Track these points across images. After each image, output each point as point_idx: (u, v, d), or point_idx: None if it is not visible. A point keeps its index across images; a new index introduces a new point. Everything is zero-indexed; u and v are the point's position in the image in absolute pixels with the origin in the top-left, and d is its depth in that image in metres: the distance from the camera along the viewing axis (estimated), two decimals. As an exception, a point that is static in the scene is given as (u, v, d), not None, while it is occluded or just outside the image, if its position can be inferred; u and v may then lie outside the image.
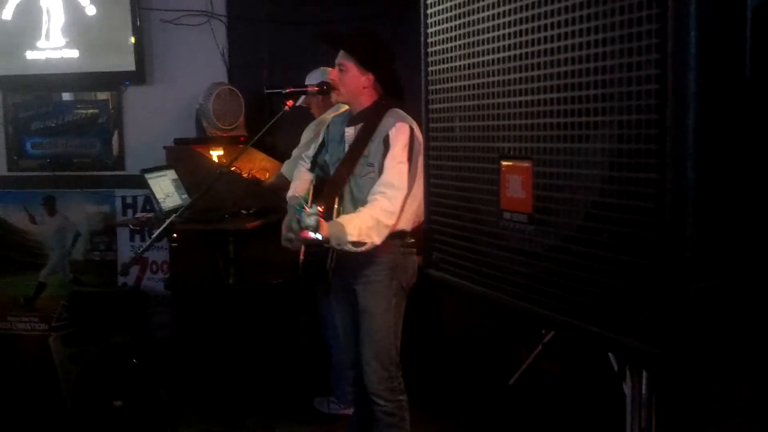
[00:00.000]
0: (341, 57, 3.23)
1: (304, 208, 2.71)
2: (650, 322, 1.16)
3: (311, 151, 3.52)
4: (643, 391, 1.55)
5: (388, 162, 3.07)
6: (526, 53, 1.41)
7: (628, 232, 1.20)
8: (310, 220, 2.70)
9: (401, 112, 3.20)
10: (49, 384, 4.44)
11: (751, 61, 1.16)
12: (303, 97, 3.88)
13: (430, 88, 1.78)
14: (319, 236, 2.73)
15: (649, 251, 1.16)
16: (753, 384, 1.76)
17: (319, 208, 2.77)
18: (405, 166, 3.07)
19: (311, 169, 3.47)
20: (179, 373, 4.72)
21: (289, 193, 3.46)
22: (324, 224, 2.82)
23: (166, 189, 4.37)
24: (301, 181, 3.45)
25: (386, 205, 3.01)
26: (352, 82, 3.21)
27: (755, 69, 1.16)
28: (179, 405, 4.29)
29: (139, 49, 5.33)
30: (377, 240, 2.98)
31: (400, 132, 3.09)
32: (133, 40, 5.30)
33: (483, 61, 1.55)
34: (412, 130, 3.12)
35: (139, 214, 5.22)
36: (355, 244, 2.92)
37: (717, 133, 1.13)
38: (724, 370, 1.33)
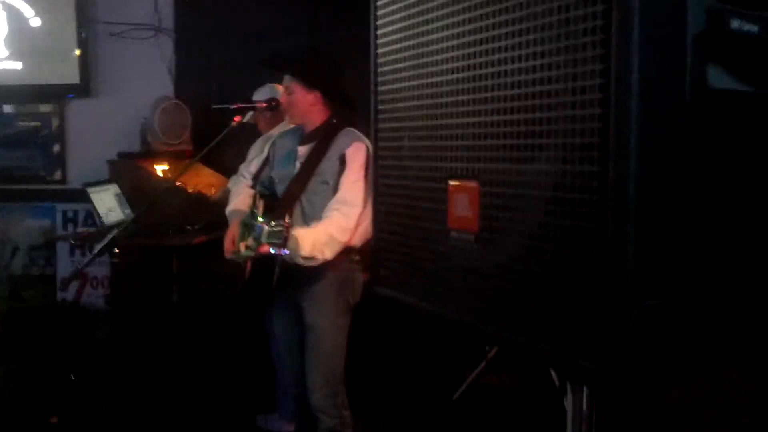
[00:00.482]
0: (286, 80, 3.26)
1: (262, 224, 2.70)
2: (593, 340, 1.19)
3: (253, 168, 3.52)
4: (584, 407, 1.58)
5: (344, 180, 3.10)
6: (474, 76, 1.44)
7: (571, 252, 1.23)
8: (276, 236, 2.70)
9: (356, 131, 3.23)
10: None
11: (691, 87, 1.20)
12: (251, 113, 3.88)
13: (380, 107, 1.80)
14: (285, 251, 2.73)
15: (592, 271, 1.19)
16: (695, 396, 1.82)
17: (286, 222, 2.77)
18: (361, 184, 3.10)
19: (252, 186, 3.47)
20: (119, 390, 4.64)
21: (231, 207, 3.43)
22: (291, 238, 2.83)
23: (108, 203, 4.32)
24: (243, 196, 3.43)
25: (342, 222, 3.02)
26: (299, 101, 3.23)
27: (694, 94, 1.20)
28: (119, 422, 4.21)
29: (84, 62, 5.28)
30: (329, 256, 2.99)
31: (356, 151, 3.13)
32: (78, 52, 5.25)
33: (432, 83, 1.57)
34: (368, 148, 3.14)
35: (80, 229, 5.14)
36: (306, 258, 2.92)
37: (658, 156, 1.17)
38: (665, 386, 1.37)
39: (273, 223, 2.71)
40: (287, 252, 2.76)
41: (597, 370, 1.19)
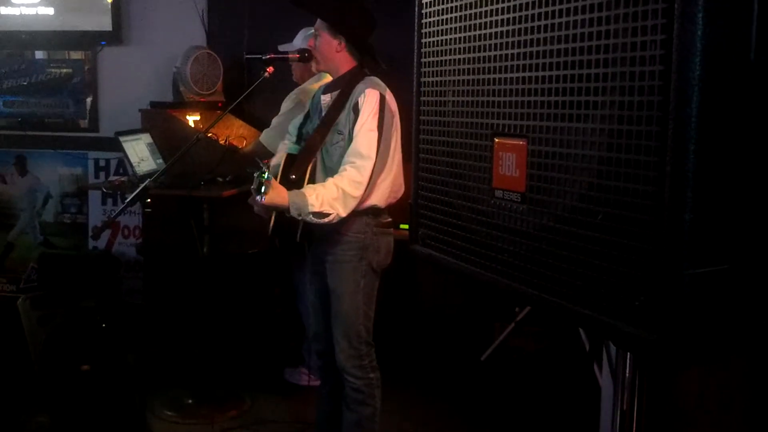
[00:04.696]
0: (316, 23, 3.16)
1: (254, 174, 2.64)
2: (645, 307, 1.15)
3: (297, 122, 3.44)
4: (627, 374, 1.55)
5: (357, 130, 2.96)
6: (526, 28, 1.38)
7: (624, 215, 1.19)
8: (254, 183, 2.62)
9: (376, 79, 3.11)
10: (16, 345, 4.38)
11: (756, 45, 1.14)
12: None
13: (423, 60, 1.74)
14: (259, 198, 2.64)
15: (646, 235, 1.15)
16: (732, 370, 1.77)
17: (262, 164, 2.68)
18: (375, 135, 2.96)
19: (296, 142, 3.38)
20: (149, 339, 4.68)
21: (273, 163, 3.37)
22: (277, 188, 2.76)
23: (140, 153, 4.30)
24: (281, 153, 3.37)
25: (354, 176, 2.90)
26: (324, 47, 3.14)
27: (759, 53, 1.14)
28: (148, 372, 4.25)
29: (117, 9, 5.23)
30: (343, 212, 2.89)
31: (369, 99, 2.98)
32: (110, -1, 5.20)
33: (480, 35, 1.52)
34: (383, 97, 3.01)
35: (112, 178, 5.14)
36: (317, 214, 2.82)
37: (720, 117, 1.12)
38: (716, 356, 1.33)
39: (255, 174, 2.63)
40: (262, 199, 2.66)
41: (648, 337, 1.15)
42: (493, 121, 1.50)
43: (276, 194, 2.77)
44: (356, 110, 2.99)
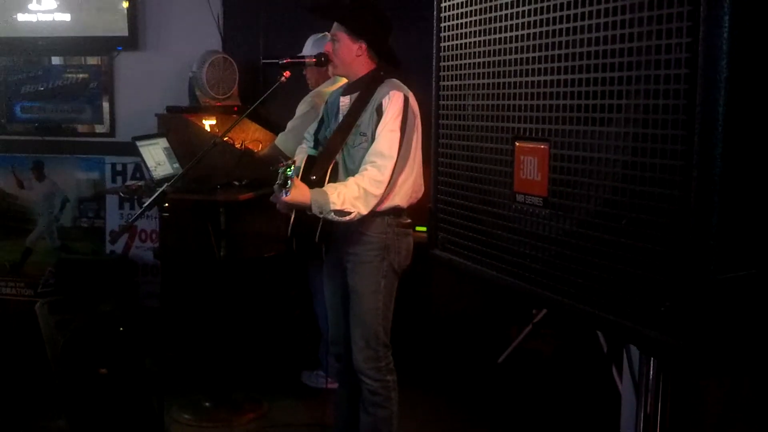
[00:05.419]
0: (334, 28, 3.17)
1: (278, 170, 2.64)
2: (671, 312, 1.14)
3: (312, 129, 3.45)
4: (650, 378, 1.53)
5: (380, 130, 2.99)
6: (548, 31, 1.37)
7: (650, 220, 1.17)
8: (279, 179, 2.62)
9: (397, 81, 3.14)
10: (34, 349, 4.39)
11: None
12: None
13: (442, 64, 1.73)
14: (283, 194, 2.65)
15: (672, 240, 1.14)
16: (756, 377, 1.76)
17: (285, 164, 2.67)
18: (397, 135, 2.99)
19: (314, 147, 3.39)
20: (166, 343, 4.69)
21: None
22: (300, 186, 2.78)
23: (157, 157, 4.31)
24: (301, 155, 3.38)
25: (375, 175, 2.93)
26: (344, 51, 3.15)
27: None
28: (165, 376, 4.26)
29: (133, 14, 5.25)
30: (363, 210, 2.91)
31: (393, 100, 3.02)
32: (126, 4, 5.22)
33: (500, 38, 1.51)
34: (406, 99, 3.05)
35: (129, 182, 5.16)
36: (339, 212, 2.84)
37: (746, 121, 1.10)
38: (741, 363, 1.32)
39: (279, 170, 2.63)
40: (287, 195, 2.66)
41: (674, 343, 1.14)
42: (513, 125, 1.49)
43: (298, 192, 2.79)
44: (380, 111, 3.02)
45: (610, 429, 2.67)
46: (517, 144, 1.48)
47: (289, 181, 2.64)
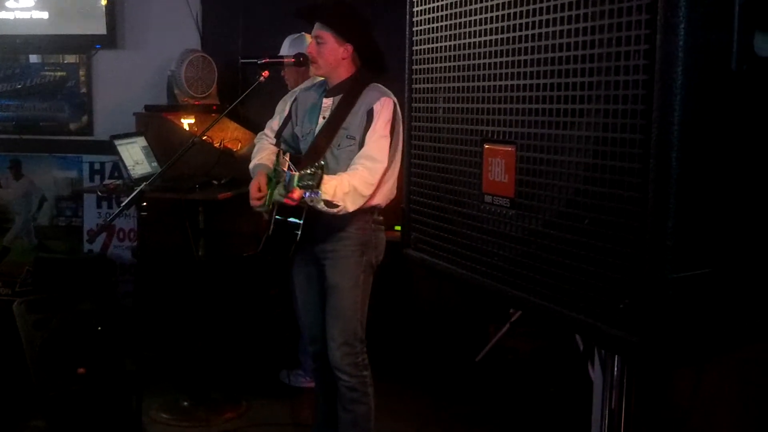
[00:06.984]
0: (318, 29, 3.19)
1: (291, 171, 2.65)
2: (629, 310, 1.18)
3: (275, 125, 3.47)
4: (615, 375, 1.58)
5: (371, 135, 3.06)
6: (514, 37, 1.41)
7: (610, 220, 1.21)
8: (309, 179, 2.60)
9: (382, 87, 3.19)
10: (11, 349, 4.38)
11: (737, 55, 1.17)
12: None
13: (414, 67, 1.77)
14: (318, 193, 2.64)
15: (631, 239, 1.18)
16: (721, 371, 1.80)
17: (319, 164, 2.67)
18: (387, 141, 3.07)
19: (276, 144, 3.42)
20: (145, 342, 4.69)
21: (254, 163, 3.34)
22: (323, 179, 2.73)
23: (135, 156, 4.32)
24: (267, 152, 3.36)
25: (366, 176, 2.99)
26: (330, 53, 3.17)
27: (740, 62, 1.17)
28: (144, 375, 4.26)
29: (111, 13, 5.25)
30: (350, 207, 2.95)
31: (385, 106, 3.08)
32: (104, 2, 5.22)
33: (470, 43, 1.55)
34: (395, 104, 3.12)
35: (107, 181, 5.16)
36: (329, 204, 2.86)
37: (702, 124, 1.14)
38: (699, 358, 1.36)
39: (306, 171, 2.63)
40: (319, 194, 2.67)
41: (632, 340, 1.18)
42: (482, 128, 1.52)
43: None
44: (371, 116, 3.09)
45: (585, 425, 2.72)
46: (486, 146, 1.51)
47: (318, 180, 2.62)
